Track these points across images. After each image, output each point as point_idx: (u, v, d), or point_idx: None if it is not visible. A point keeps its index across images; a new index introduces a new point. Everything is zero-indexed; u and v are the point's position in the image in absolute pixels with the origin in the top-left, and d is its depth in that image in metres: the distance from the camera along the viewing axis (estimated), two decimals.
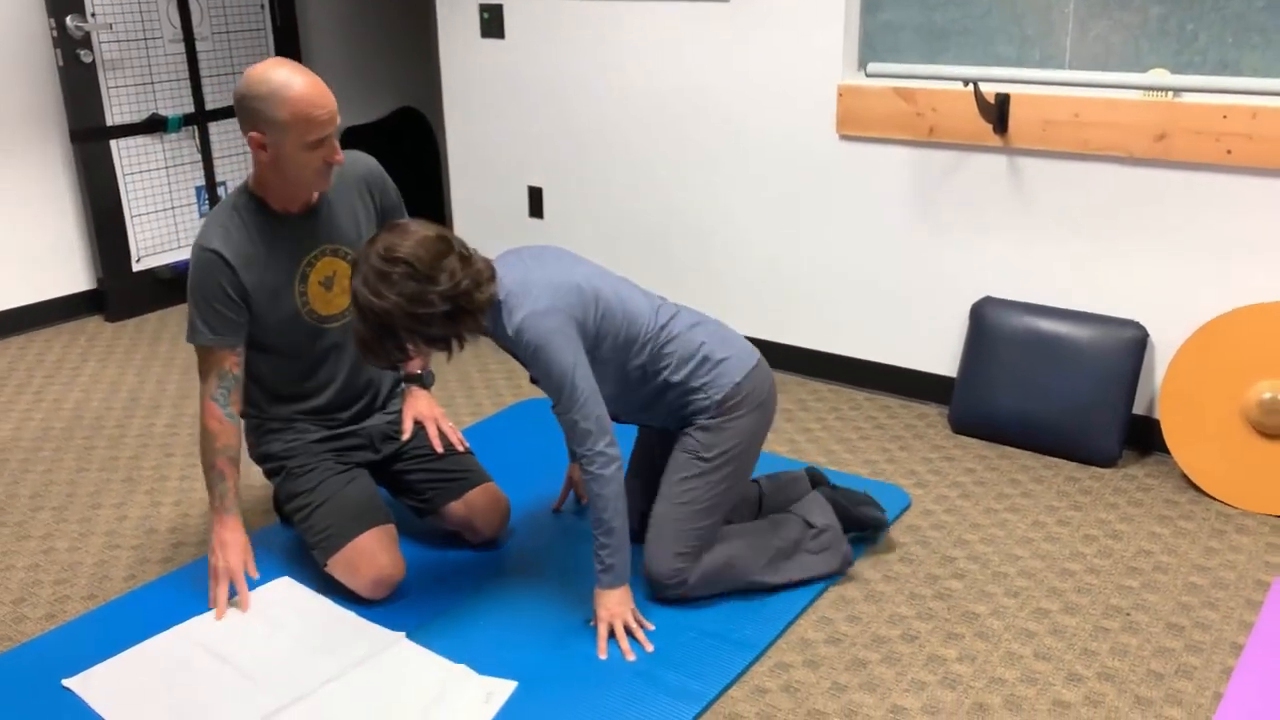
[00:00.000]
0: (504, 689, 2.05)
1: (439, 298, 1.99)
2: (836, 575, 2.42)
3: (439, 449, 2.49)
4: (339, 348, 2.43)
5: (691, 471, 2.24)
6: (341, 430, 2.47)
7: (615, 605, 2.18)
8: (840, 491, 2.55)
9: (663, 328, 2.24)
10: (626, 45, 3.64)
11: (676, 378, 2.23)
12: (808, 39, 3.27)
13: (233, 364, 2.29)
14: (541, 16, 3.80)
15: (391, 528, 2.36)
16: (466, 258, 2.07)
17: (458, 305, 2.02)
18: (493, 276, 2.10)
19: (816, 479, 2.60)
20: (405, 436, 2.50)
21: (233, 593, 2.33)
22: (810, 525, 2.39)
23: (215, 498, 2.32)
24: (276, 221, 2.30)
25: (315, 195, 2.32)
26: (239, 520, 2.33)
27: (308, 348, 2.39)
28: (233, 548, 2.31)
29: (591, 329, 2.13)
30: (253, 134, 2.15)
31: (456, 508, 2.49)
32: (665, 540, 2.26)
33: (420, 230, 2.04)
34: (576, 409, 2.09)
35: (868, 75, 3.00)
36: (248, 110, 2.14)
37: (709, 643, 2.19)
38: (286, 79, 2.11)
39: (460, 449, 2.54)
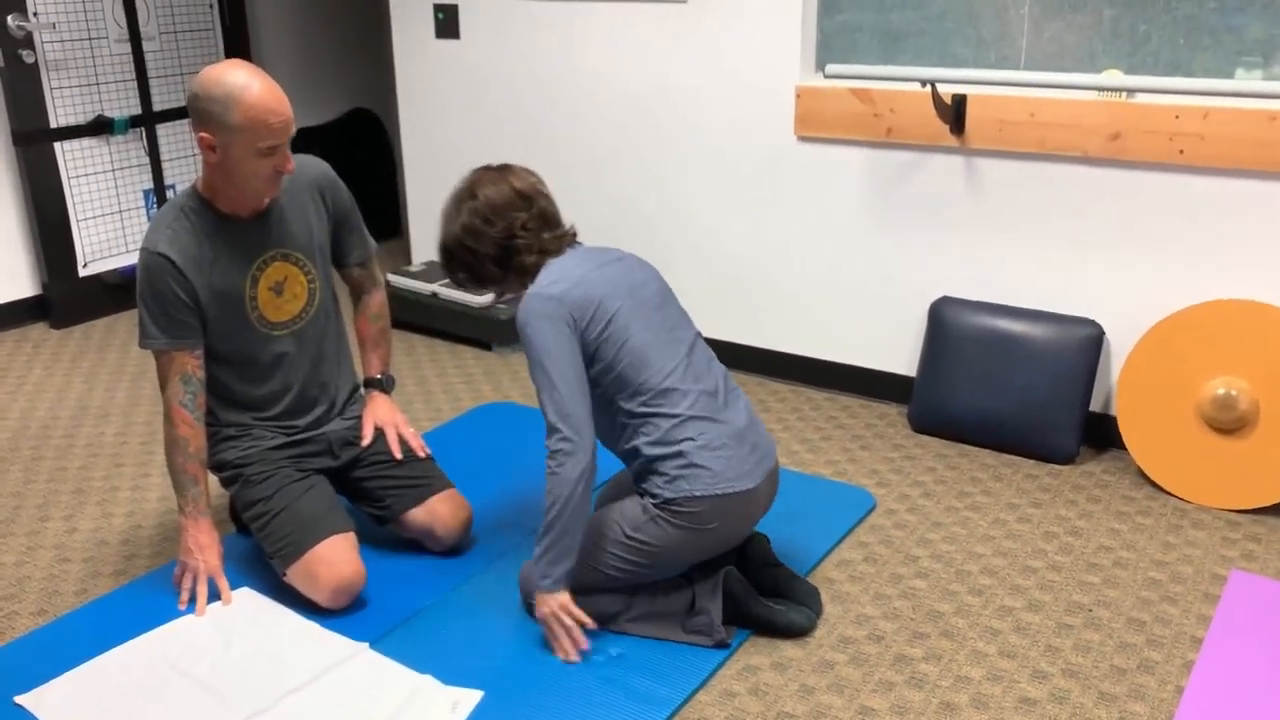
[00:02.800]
0: (470, 699, 2.02)
1: (491, 243, 2.16)
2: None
3: (398, 455, 2.46)
4: (291, 355, 2.39)
5: (608, 531, 2.16)
6: (300, 437, 2.42)
7: (542, 604, 2.12)
8: (780, 571, 2.30)
9: (662, 393, 2.11)
10: (584, 46, 3.62)
11: (645, 450, 2.12)
12: (766, 40, 3.27)
13: (194, 367, 2.26)
14: (497, 17, 3.77)
15: (351, 535, 2.32)
16: (545, 221, 2.20)
17: (505, 257, 2.18)
18: (551, 251, 2.19)
19: (759, 549, 2.34)
20: (365, 442, 2.46)
21: (213, 595, 2.32)
22: (693, 604, 2.21)
23: (188, 501, 2.29)
24: (225, 225, 2.26)
25: (265, 201, 2.28)
26: (212, 523, 2.34)
27: (259, 355, 2.35)
28: (210, 549, 2.32)
29: (591, 344, 2.09)
30: (203, 134, 2.11)
31: (417, 515, 2.45)
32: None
33: (512, 181, 2.20)
34: (544, 395, 2.05)
35: (826, 76, 3.01)
36: (200, 110, 2.10)
37: (675, 647, 2.18)
38: (244, 82, 2.08)
39: (421, 455, 2.50)
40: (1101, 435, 3.06)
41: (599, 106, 3.66)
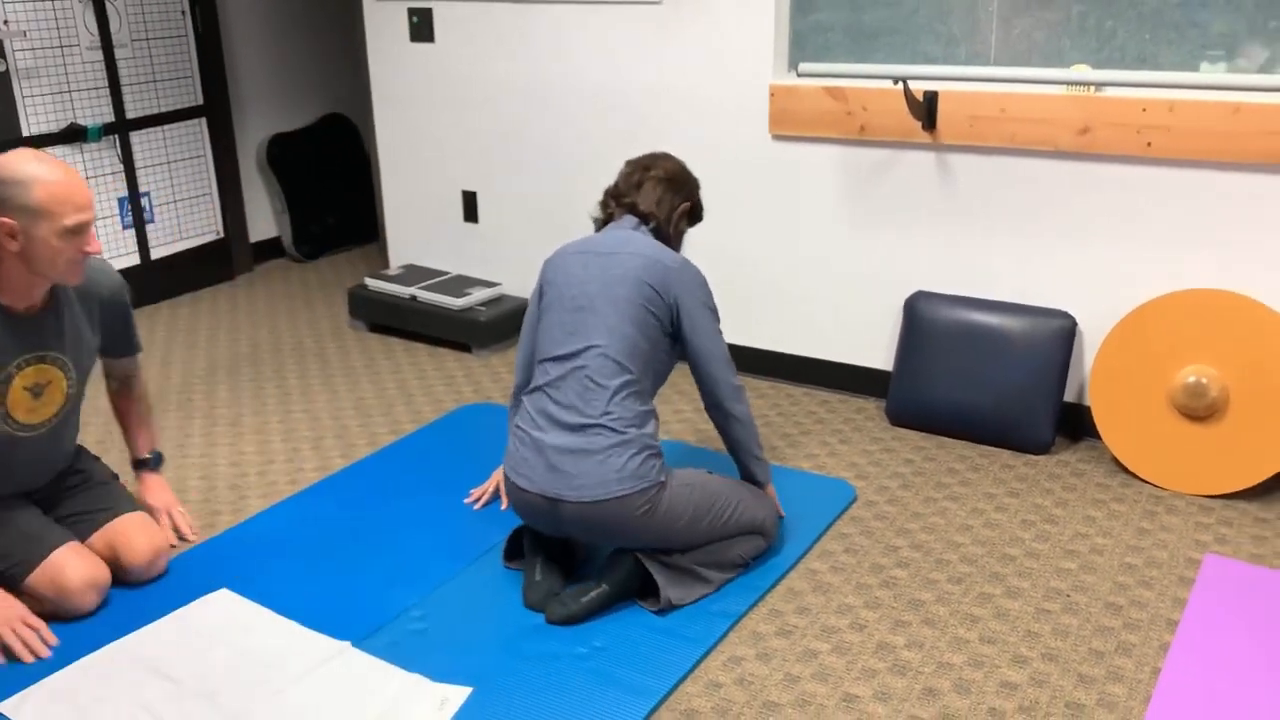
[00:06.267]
0: (458, 695, 2.03)
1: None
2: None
3: (174, 540, 2.56)
4: (37, 451, 2.32)
5: None
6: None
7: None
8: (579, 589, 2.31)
9: (536, 374, 2.39)
10: (559, 48, 3.64)
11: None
12: (739, 39, 3.30)
13: None
14: (471, 20, 3.78)
15: (77, 543, 2.33)
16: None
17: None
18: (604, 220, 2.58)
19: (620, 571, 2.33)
20: (163, 522, 2.60)
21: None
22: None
23: None
24: (2, 318, 2.18)
25: (45, 296, 2.24)
26: None
27: (2, 456, 2.27)
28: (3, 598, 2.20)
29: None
30: (2, 220, 2.08)
31: (95, 544, 2.40)
32: None
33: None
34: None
35: (799, 75, 3.04)
36: None
37: (660, 639, 2.20)
38: (47, 169, 2.10)
39: (190, 537, 2.61)
40: (1076, 425, 3.10)
41: (574, 107, 3.68)
